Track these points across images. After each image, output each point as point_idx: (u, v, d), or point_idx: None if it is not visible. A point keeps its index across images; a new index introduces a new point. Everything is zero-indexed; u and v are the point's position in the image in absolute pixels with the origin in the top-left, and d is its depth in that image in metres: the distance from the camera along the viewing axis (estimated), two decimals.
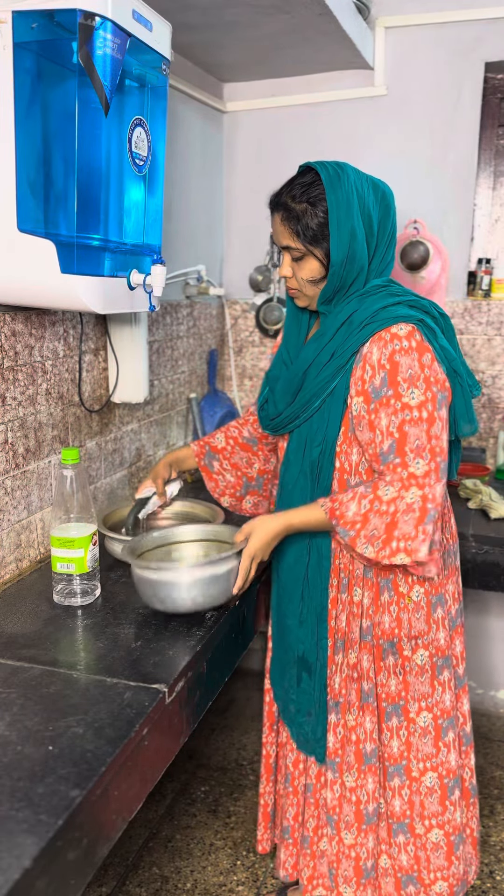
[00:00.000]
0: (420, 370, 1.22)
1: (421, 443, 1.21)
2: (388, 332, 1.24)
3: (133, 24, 1.26)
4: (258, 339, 2.72)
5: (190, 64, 2.28)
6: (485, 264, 2.39)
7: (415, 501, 1.19)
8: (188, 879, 1.85)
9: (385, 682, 1.37)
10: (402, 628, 1.35)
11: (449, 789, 1.40)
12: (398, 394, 1.21)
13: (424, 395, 1.21)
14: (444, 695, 1.38)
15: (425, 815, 1.40)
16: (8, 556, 1.52)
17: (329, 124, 2.45)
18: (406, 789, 1.40)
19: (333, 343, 1.30)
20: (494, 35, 2.24)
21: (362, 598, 1.36)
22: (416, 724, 1.38)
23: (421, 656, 1.36)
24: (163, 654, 1.22)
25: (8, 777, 0.90)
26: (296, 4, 1.80)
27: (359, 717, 1.39)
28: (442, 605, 1.38)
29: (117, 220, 1.35)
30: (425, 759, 1.38)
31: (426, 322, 1.26)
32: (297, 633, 1.43)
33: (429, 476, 1.20)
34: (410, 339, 1.23)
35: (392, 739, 1.39)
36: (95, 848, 0.92)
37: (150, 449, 2.17)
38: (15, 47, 1.21)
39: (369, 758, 1.39)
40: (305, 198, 1.28)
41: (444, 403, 1.24)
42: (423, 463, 1.20)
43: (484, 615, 2.53)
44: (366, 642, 1.37)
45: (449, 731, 1.39)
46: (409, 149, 2.39)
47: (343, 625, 1.38)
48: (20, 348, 1.52)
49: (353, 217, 1.27)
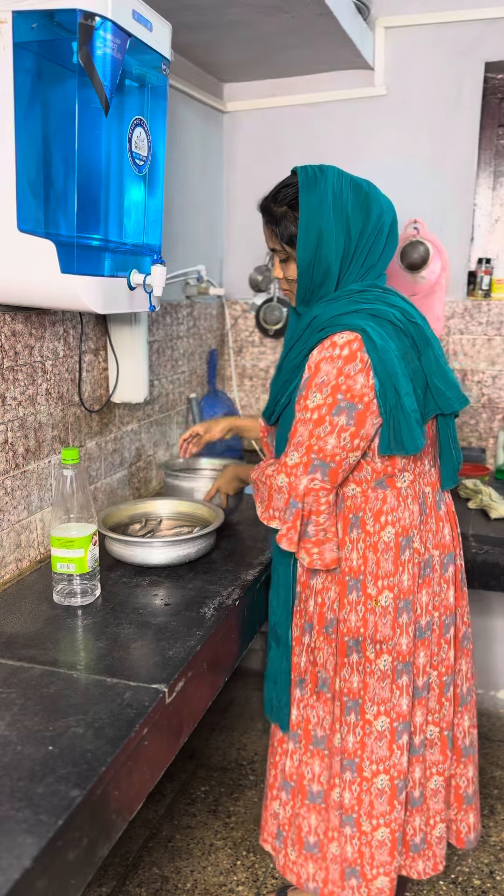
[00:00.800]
0: (334, 378, 1.25)
1: (302, 439, 1.29)
2: (330, 338, 1.27)
3: (133, 24, 1.26)
4: (258, 339, 2.72)
5: (190, 64, 2.28)
6: (485, 264, 2.39)
7: (283, 486, 1.31)
8: (188, 879, 1.85)
9: (348, 678, 1.40)
10: (367, 629, 1.37)
11: (398, 790, 1.42)
12: (305, 395, 1.29)
13: (323, 400, 1.26)
14: (402, 699, 1.39)
15: (374, 815, 1.42)
16: (8, 556, 1.52)
17: (329, 124, 2.45)
18: (356, 786, 1.42)
19: (298, 344, 1.35)
20: (494, 35, 2.24)
21: (327, 588, 1.40)
22: (372, 726, 1.40)
23: (384, 661, 1.38)
24: (163, 654, 1.22)
25: (8, 777, 0.90)
26: (296, 4, 1.80)
27: (311, 699, 1.45)
28: (408, 611, 1.38)
29: (117, 220, 1.36)
30: (379, 761, 1.41)
31: (369, 333, 1.25)
32: (273, 605, 1.49)
33: (297, 468, 1.29)
34: (344, 348, 1.25)
35: (348, 734, 1.41)
36: (95, 848, 0.92)
37: (150, 449, 2.17)
38: (15, 47, 1.21)
39: (318, 742, 1.46)
40: (286, 201, 1.33)
41: (345, 412, 1.26)
42: (296, 455, 1.30)
43: (484, 615, 2.53)
44: (326, 633, 1.41)
45: (403, 735, 1.41)
46: (409, 149, 2.39)
47: (311, 609, 1.44)
48: (20, 348, 1.52)
49: (324, 220, 1.28)
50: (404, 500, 1.36)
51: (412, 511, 1.37)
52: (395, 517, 1.36)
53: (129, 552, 1.54)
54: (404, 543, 1.36)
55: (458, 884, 1.86)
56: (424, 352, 1.33)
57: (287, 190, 1.34)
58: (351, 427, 1.27)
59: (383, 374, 1.25)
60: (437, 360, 1.34)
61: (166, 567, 1.56)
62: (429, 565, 1.41)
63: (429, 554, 1.40)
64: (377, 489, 1.35)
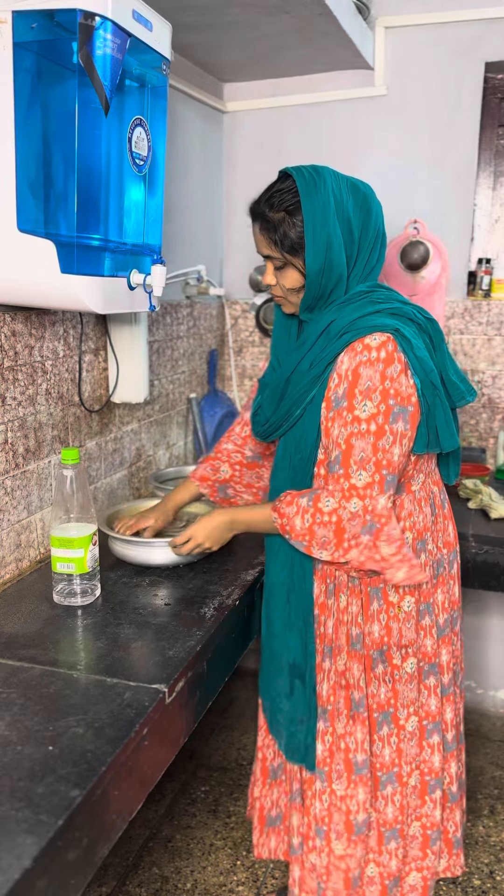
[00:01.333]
0: (380, 382, 1.20)
1: (366, 455, 1.21)
2: (361, 342, 1.22)
3: (133, 24, 1.26)
4: (258, 339, 2.72)
5: (190, 64, 2.28)
6: (485, 264, 2.39)
7: (358, 511, 1.21)
8: (188, 879, 1.85)
9: (375, 692, 1.37)
10: (391, 637, 1.35)
11: (430, 787, 1.42)
12: (351, 406, 1.22)
13: (377, 408, 1.20)
14: (430, 699, 1.39)
15: (409, 814, 1.42)
16: (8, 556, 1.52)
17: (329, 124, 2.45)
18: (398, 795, 1.41)
19: (313, 352, 1.29)
20: (494, 35, 2.24)
21: (349, 605, 1.35)
22: (405, 729, 1.39)
23: (410, 664, 1.37)
24: (163, 654, 1.22)
25: (8, 777, 0.90)
26: (296, 4, 1.80)
27: (348, 726, 1.38)
28: (430, 613, 1.39)
29: (117, 220, 1.35)
30: (411, 760, 1.40)
31: (402, 332, 1.22)
32: (284, 638, 1.41)
33: (370, 488, 1.21)
34: (381, 350, 1.20)
35: (384, 748, 1.39)
36: (95, 848, 0.92)
37: (150, 449, 2.17)
38: (15, 47, 1.21)
39: (360, 768, 1.39)
40: (283, 206, 1.27)
41: (400, 417, 1.21)
42: (365, 475, 1.21)
43: (484, 615, 2.53)
44: (355, 651, 1.36)
45: (433, 734, 1.40)
46: (409, 149, 2.39)
47: (330, 631, 1.38)
48: (20, 348, 1.52)
49: (330, 225, 1.24)
50: (418, 503, 1.35)
51: (425, 514, 1.36)
52: (411, 522, 1.34)
53: (131, 552, 1.54)
54: (420, 547, 1.35)
55: (459, 884, 1.86)
56: (440, 347, 1.32)
57: (283, 195, 1.27)
58: (409, 432, 1.23)
59: (421, 371, 1.23)
60: (449, 354, 1.34)
61: (166, 567, 1.56)
62: (441, 564, 1.41)
63: (440, 553, 1.41)
64: (394, 494, 1.31)
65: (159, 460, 2.24)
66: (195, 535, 1.43)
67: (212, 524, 1.43)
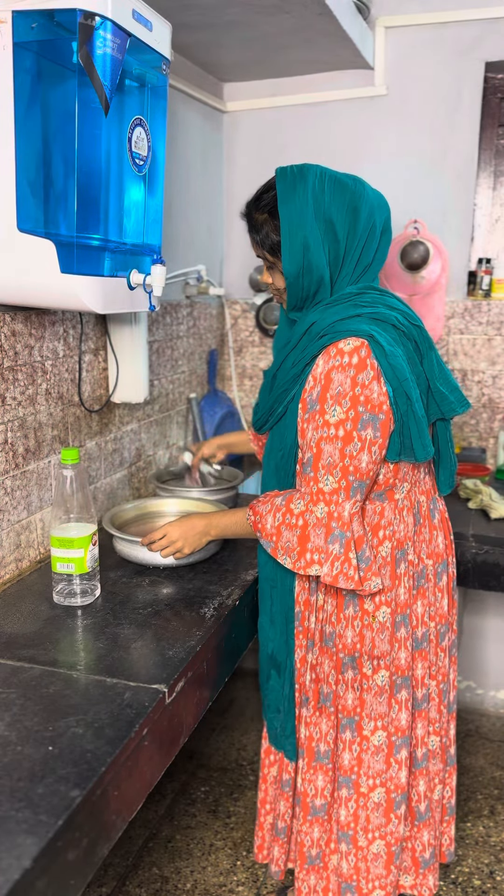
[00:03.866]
0: (350, 388, 1.19)
1: (333, 460, 1.21)
2: (335, 346, 1.21)
3: (133, 24, 1.26)
4: (258, 339, 2.72)
5: (190, 64, 2.28)
6: (485, 264, 2.39)
7: (324, 517, 1.22)
8: (188, 880, 1.85)
9: (342, 695, 1.37)
10: (363, 645, 1.34)
11: (396, 804, 1.40)
12: (322, 410, 1.21)
13: (346, 414, 1.19)
14: (401, 713, 1.37)
15: (369, 829, 1.41)
16: (8, 556, 1.52)
17: (329, 124, 2.45)
18: (353, 802, 1.41)
19: (295, 352, 1.29)
20: (494, 35, 2.24)
21: (325, 603, 1.36)
22: (369, 741, 1.38)
23: (382, 677, 1.35)
24: (163, 654, 1.22)
25: (8, 777, 0.90)
26: (296, 4, 1.80)
27: (314, 716, 1.41)
28: (406, 625, 1.36)
29: (117, 220, 1.35)
30: (376, 775, 1.39)
31: (377, 338, 1.20)
32: (268, 632, 1.46)
33: (336, 494, 1.21)
34: (353, 356, 1.19)
35: (344, 752, 1.39)
36: (95, 848, 0.92)
37: (149, 449, 2.17)
38: (15, 47, 1.21)
39: (321, 757, 1.42)
40: (266, 208, 1.28)
41: (370, 424, 1.20)
42: (332, 480, 1.21)
43: (483, 615, 2.53)
44: (327, 647, 1.37)
45: (402, 749, 1.39)
46: (409, 149, 2.39)
47: (312, 626, 1.39)
48: (20, 348, 1.52)
49: (307, 227, 1.23)
50: (400, 511, 1.33)
51: (407, 523, 1.34)
52: (391, 531, 1.32)
53: (133, 552, 1.54)
54: (399, 556, 1.33)
55: (458, 884, 1.86)
56: (427, 355, 1.29)
57: (267, 195, 1.28)
58: (379, 439, 1.21)
59: (394, 380, 1.20)
60: (438, 362, 1.31)
61: (167, 567, 1.56)
62: (423, 576, 1.39)
63: (422, 564, 1.38)
64: (375, 502, 1.31)
65: (159, 460, 2.24)
66: (170, 533, 1.47)
67: (187, 524, 1.47)
